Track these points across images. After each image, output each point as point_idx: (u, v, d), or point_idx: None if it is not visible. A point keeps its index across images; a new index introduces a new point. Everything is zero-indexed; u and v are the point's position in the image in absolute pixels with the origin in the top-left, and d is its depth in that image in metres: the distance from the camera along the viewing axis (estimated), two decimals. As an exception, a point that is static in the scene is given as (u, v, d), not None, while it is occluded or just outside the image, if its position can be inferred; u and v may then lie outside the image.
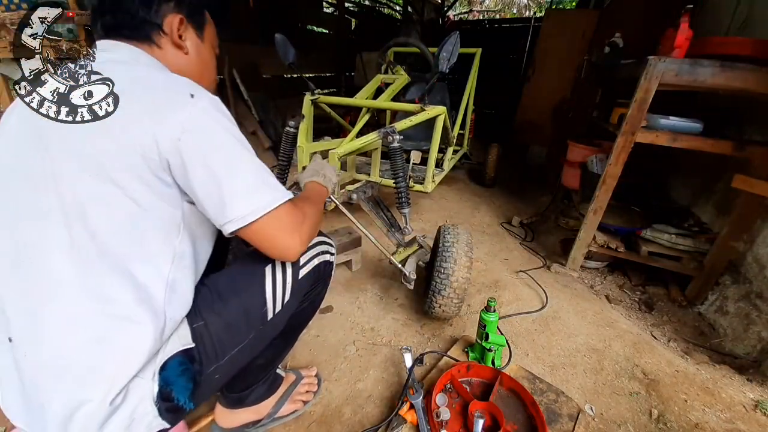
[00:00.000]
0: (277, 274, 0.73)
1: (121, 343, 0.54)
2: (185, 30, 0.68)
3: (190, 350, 0.63)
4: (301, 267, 0.76)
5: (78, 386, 0.53)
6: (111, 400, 0.53)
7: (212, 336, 0.65)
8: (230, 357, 0.68)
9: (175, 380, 0.60)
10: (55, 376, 0.53)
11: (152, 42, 0.65)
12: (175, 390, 0.59)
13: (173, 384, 0.59)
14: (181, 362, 0.61)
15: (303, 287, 0.78)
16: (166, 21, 0.65)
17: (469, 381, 1.10)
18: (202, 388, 0.65)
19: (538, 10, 9.52)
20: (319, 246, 0.82)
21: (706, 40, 1.45)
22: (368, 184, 1.57)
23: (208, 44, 0.75)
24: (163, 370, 0.59)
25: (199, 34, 0.72)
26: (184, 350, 0.62)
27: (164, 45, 0.66)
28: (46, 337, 0.53)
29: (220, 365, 0.67)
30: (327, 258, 0.83)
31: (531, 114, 4.21)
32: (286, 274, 0.74)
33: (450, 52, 1.29)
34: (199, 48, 0.72)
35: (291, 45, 1.48)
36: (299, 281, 0.76)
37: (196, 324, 0.64)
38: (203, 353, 0.64)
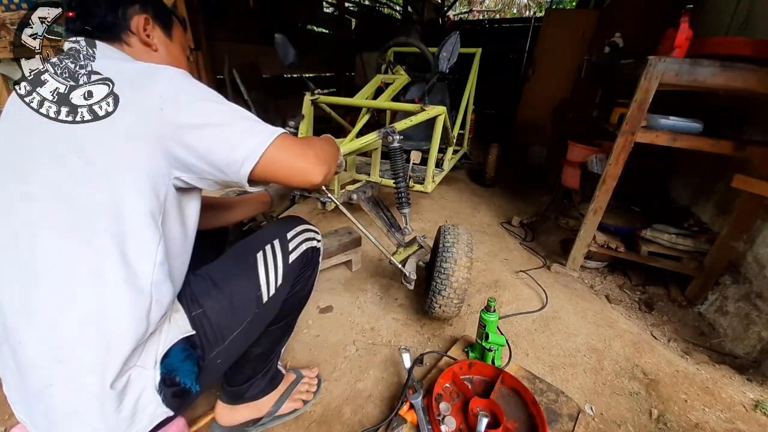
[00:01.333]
0: (268, 259, 0.77)
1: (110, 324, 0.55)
2: (152, 29, 0.72)
3: (191, 337, 0.66)
4: (290, 252, 0.81)
5: (74, 371, 0.53)
6: (111, 383, 0.54)
7: (211, 321, 0.68)
8: (230, 341, 0.71)
9: (180, 366, 0.62)
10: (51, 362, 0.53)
11: (122, 41, 0.69)
12: (181, 374, 0.62)
13: (178, 369, 0.62)
14: (183, 349, 0.64)
15: (294, 271, 0.83)
16: (133, 21, 0.69)
17: (470, 378, 1.10)
18: (205, 373, 0.68)
19: (538, 10, 9.52)
20: (305, 233, 0.87)
21: (706, 40, 1.45)
22: (368, 184, 1.57)
23: (177, 44, 0.79)
24: (166, 357, 0.61)
25: (166, 34, 0.76)
26: (186, 338, 0.65)
27: (133, 43, 0.70)
28: (39, 322, 0.53)
29: (221, 350, 0.70)
30: (314, 244, 0.88)
31: (531, 114, 4.21)
32: (277, 259, 0.78)
33: (450, 52, 1.29)
34: (168, 46, 0.76)
35: (291, 45, 1.48)
36: (290, 265, 0.80)
37: (194, 312, 0.67)
38: (204, 339, 0.68)
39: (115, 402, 0.55)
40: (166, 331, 0.63)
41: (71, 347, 0.54)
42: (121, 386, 0.56)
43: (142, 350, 0.59)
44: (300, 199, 1.40)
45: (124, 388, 0.56)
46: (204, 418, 0.99)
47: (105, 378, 0.54)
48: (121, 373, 0.56)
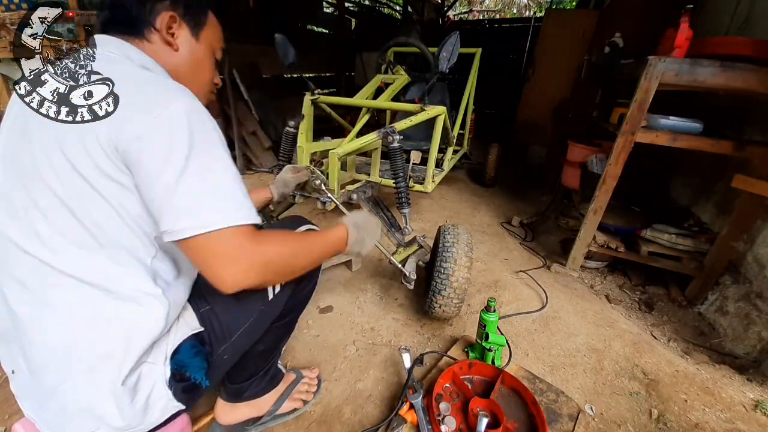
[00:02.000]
0: None
1: (127, 325, 0.57)
2: (178, 28, 0.68)
3: (200, 334, 0.67)
4: None
5: (87, 369, 0.55)
6: (123, 380, 0.56)
7: (219, 318, 0.69)
8: (237, 337, 0.72)
9: (190, 362, 0.64)
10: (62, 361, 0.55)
11: (143, 37, 0.65)
12: (191, 370, 0.63)
13: (188, 365, 0.63)
14: (193, 345, 0.65)
15: None
16: (159, 18, 0.65)
17: (470, 378, 1.10)
18: (213, 368, 0.70)
19: (538, 10, 9.52)
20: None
21: (706, 40, 1.45)
22: (368, 184, 1.57)
23: (204, 45, 0.74)
24: (175, 354, 0.63)
25: (194, 33, 0.71)
26: (194, 334, 0.66)
27: (155, 41, 0.66)
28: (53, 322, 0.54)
29: (228, 346, 0.72)
30: None
31: (531, 114, 4.21)
32: None
33: (450, 52, 1.29)
34: (192, 47, 0.71)
35: (291, 45, 1.48)
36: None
37: (203, 309, 0.69)
38: (212, 335, 0.69)
39: (129, 397, 0.57)
40: (175, 329, 0.64)
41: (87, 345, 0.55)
42: (132, 382, 0.58)
43: (152, 347, 0.61)
44: (300, 199, 1.40)
45: (135, 384, 0.58)
46: (204, 418, 0.99)
47: (120, 374, 0.56)
48: (133, 370, 0.58)
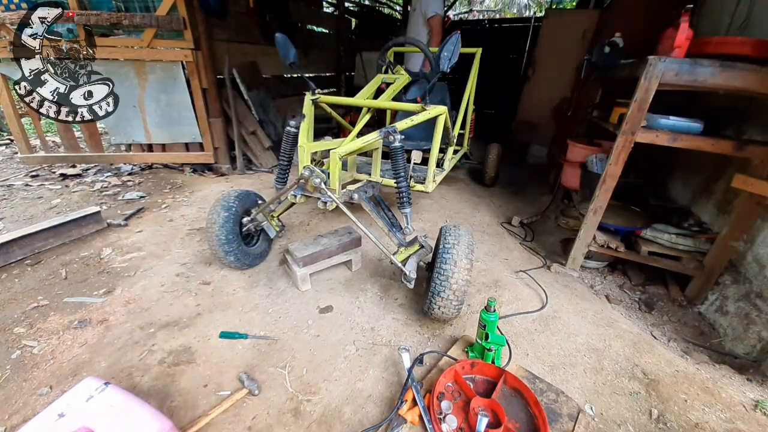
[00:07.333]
0: None
1: None
2: None
3: None
4: None
5: None
6: None
7: None
8: None
9: None
10: None
11: None
12: None
13: None
14: None
15: None
16: None
17: (472, 378, 1.10)
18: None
19: (538, 10, 9.51)
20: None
21: (706, 40, 1.45)
22: (369, 184, 1.57)
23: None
24: None
25: None
26: None
27: None
28: None
29: None
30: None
31: (531, 114, 4.22)
32: None
33: (451, 52, 1.29)
34: None
35: (292, 45, 1.48)
36: None
37: None
38: None
39: None
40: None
41: None
42: None
43: None
44: (301, 199, 1.40)
45: None
46: (204, 417, 0.99)
47: None
48: None
